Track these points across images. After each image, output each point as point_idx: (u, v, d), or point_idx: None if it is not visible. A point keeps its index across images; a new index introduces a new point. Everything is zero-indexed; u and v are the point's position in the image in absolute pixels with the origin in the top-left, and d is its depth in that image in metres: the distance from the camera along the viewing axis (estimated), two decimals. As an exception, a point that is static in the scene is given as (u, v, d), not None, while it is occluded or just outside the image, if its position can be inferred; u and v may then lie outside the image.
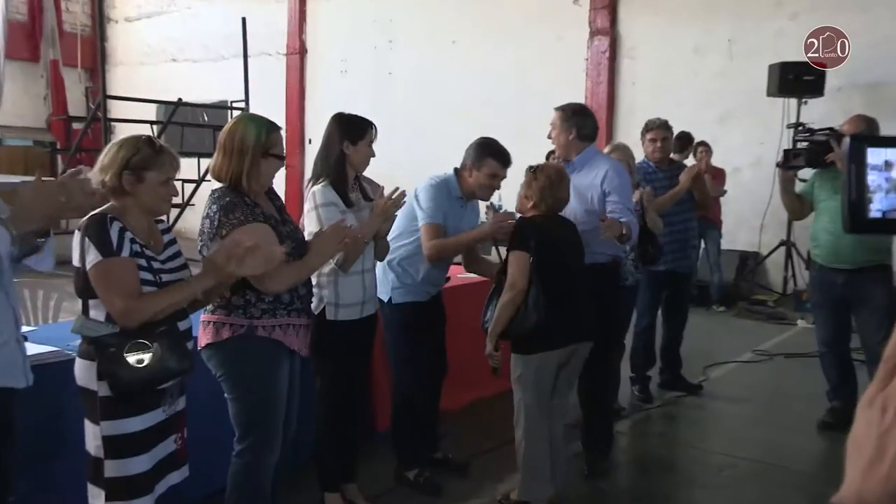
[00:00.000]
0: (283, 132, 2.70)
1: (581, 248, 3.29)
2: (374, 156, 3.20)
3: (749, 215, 8.80)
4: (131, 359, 2.12)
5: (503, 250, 3.24)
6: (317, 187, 3.08)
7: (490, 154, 3.44)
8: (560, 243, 3.16)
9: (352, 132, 3.12)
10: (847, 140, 0.94)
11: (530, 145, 8.43)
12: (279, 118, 12.10)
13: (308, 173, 3.23)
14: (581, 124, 3.65)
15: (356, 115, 3.20)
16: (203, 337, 2.58)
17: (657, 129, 4.88)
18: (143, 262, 2.23)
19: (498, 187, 3.51)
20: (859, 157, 0.91)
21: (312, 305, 2.87)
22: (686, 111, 8.89)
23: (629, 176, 3.79)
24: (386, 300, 3.46)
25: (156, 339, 2.17)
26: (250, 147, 2.52)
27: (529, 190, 3.21)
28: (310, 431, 3.25)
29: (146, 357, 2.14)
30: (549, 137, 3.74)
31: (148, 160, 2.24)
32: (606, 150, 4.40)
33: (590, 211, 3.53)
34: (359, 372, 3.28)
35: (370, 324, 3.28)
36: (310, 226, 3.03)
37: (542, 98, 10.13)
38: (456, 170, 3.51)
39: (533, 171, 3.24)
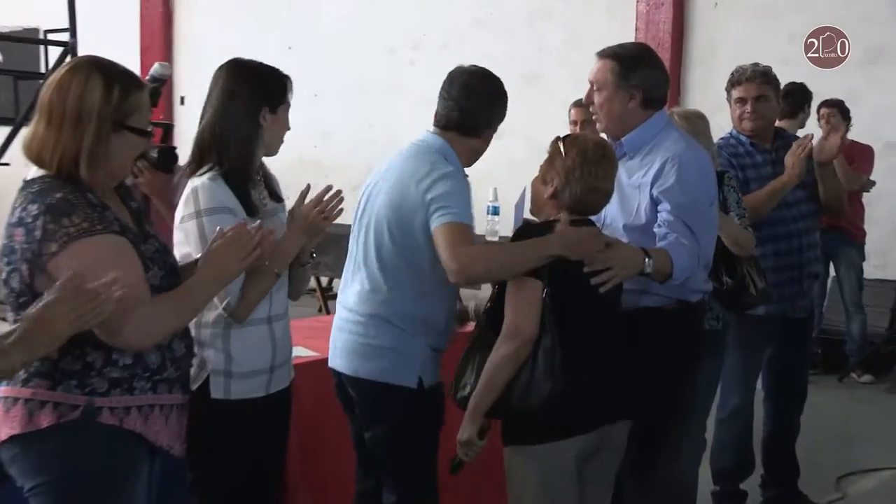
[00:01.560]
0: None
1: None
2: (289, 129, 3.34)
3: (913, 223, 9.00)
4: None
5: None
6: (201, 181, 3.14)
7: (505, 106, 3.63)
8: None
9: (271, 92, 3.25)
10: None
11: (544, 99, 8.59)
12: (131, 62, 12.13)
13: (183, 153, 3.30)
14: (652, 82, 3.74)
15: (264, 64, 3.32)
16: (4, 424, 2.62)
17: (748, 81, 4.96)
18: None
19: None
20: None
21: (191, 373, 2.93)
22: (803, 48, 9.10)
23: (711, 166, 3.87)
24: (415, 385, 3.47)
25: None
26: (94, 112, 2.59)
27: (551, 170, 3.33)
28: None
29: None
30: (589, 105, 3.81)
31: None
32: None
33: (633, 227, 3.64)
34: (265, 483, 3.35)
35: (283, 403, 3.37)
36: (185, 245, 3.12)
37: (567, 31, 10.36)
38: (442, 135, 3.57)
39: (561, 140, 3.37)
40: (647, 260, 3.38)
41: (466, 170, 3.59)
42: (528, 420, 3.18)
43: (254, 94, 3.21)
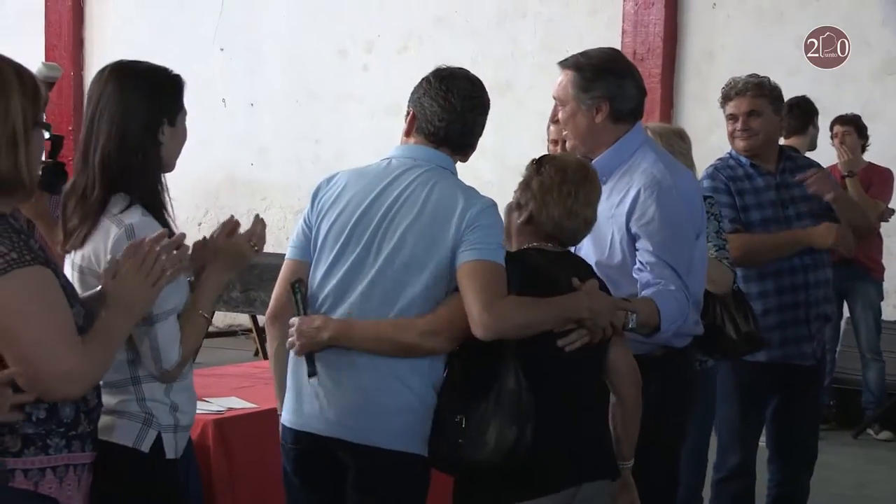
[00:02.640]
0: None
1: None
2: (185, 140, 3.35)
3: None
4: None
5: None
6: (135, 217, 3.10)
7: None
8: None
9: (171, 100, 3.23)
10: None
11: (517, 112, 8.58)
12: (35, 63, 12.05)
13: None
14: (618, 92, 3.80)
15: (155, 65, 3.29)
16: None
17: (738, 95, 5.04)
18: None
19: None
20: None
21: (128, 434, 2.99)
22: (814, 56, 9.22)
23: (696, 191, 3.95)
24: (417, 451, 3.41)
25: None
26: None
27: (526, 192, 3.41)
28: None
29: None
30: (555, 122, 3.88)
31: None
32: None
33: (608, 265, 3.69)
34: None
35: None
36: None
37: (544, 33, 10.41)
38: (449, 159, 3.55)
39: (536, 162, 3.46)
40: (630, 315, 3.44)
41: None
42: (482, 476, 3.23)
43: (151, 107, 3.18)
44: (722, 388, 4.99)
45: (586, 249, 3.70)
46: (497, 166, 4.68)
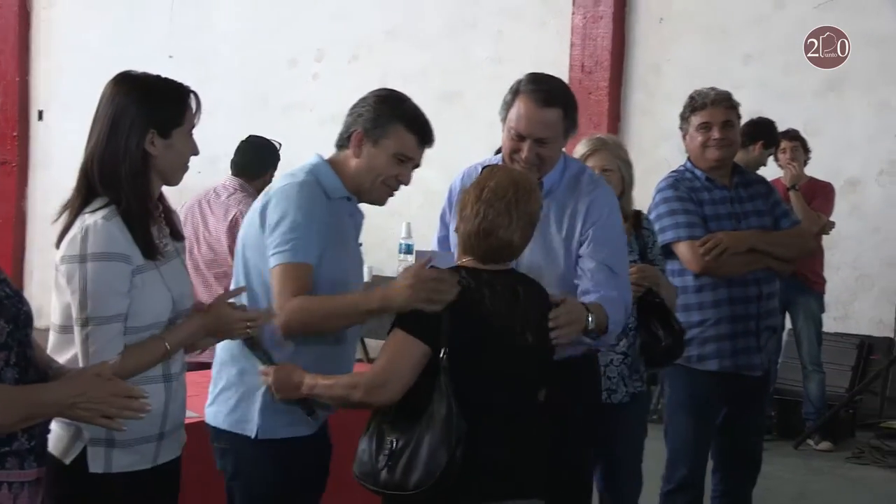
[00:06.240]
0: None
1: (546, 338, 3.41)
2: (197, 153, 3.36)
3: (879, 270, 9.15)
4: None
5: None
6: (94, 219, 3.09)
7: (400, 117, 3.58)
8: (505, 328, 3.33)
9: (163, 112, 3.21)
10: None
11: (466, 122, 8.56)
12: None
13: (39, 177, 3.25)
14: (575, 113, 3.93)
15: (158, 78, 3.28)
16: None
17: (713, 105, 5.02)
18: None
19: (406, 182, 3.64)
20: None
21: (57, 444, 2.95)
22: (758, 72, 9.29)
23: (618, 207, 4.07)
24: (243, 432, 3.53)
25: None
26: None
27: (468, 209, 3.36)
28: None
29: None
30: (515, 159, 3.90)
31: None
32: (580, 151, 4.69)
33: (562, 275, 3.77)
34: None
35: (171, 478, 3.35)
36: (60, 298, 3.09)
37: (494, 44, 10.40)
38: (322, 156, 3.68)
39: (479, 184, 3.44)
40: (589, 316, 3.50)
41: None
42: (411, 497, 3.23)
43: (137, 117, 3.16)
44: (674, 399, 5.07)
45: (538, 256, 3.77)
46: (445, 175, 4.63)
